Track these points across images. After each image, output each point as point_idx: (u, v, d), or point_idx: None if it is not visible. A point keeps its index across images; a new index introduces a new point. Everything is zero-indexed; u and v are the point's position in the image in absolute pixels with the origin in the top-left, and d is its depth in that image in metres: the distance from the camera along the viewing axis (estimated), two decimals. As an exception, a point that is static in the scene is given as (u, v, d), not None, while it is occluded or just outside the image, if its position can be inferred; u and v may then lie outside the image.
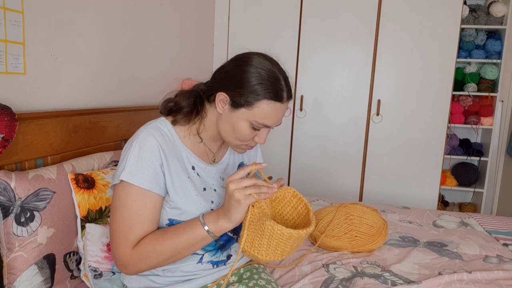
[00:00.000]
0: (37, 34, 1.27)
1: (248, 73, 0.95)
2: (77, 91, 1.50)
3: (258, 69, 0.96)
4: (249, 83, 0.95)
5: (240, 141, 1.02)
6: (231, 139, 1.03)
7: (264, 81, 0.95)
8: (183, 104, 1.04)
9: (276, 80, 0.96)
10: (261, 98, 0.95)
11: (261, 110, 0.96)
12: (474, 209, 3.36)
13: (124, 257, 0.94)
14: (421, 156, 2.75)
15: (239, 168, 1.16)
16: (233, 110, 0.98)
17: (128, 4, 1.79)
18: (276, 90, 0.96)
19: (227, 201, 0.89)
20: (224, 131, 1.02)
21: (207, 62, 2.83)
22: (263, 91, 0.95)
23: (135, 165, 0.94)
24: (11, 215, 1.02)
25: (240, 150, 1.07)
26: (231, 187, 0.87)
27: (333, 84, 2.80)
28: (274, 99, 0.96)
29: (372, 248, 1.54)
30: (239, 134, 1.00)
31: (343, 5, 2.70)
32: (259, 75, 0.95)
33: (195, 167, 1.05)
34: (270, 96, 0.95)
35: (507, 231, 1.85)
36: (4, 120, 1.02)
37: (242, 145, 1.04)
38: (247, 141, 1.03)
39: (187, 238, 0.92)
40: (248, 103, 0.95)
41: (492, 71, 3.09)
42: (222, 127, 1.02)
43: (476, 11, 3.08)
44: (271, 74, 0.96)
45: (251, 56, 0.99)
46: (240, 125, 0.98)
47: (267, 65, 0.97)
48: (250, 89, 0.95)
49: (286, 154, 2.92)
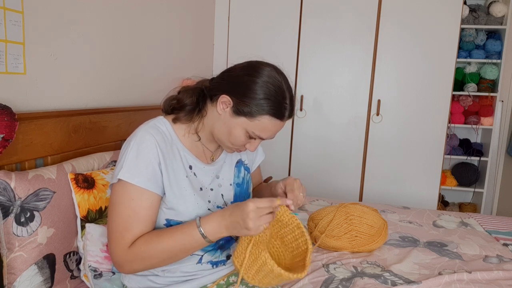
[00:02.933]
0: (37, 34, 1.27)
1: (257, 85, 0.95)
2: (77, 91, 1.50)
3: (267, 83, 0.95)
4: (256, 95, 0.95)
5: (232, 145, 1.03)
6: (224, 141, 1.03)
7: (271, 96, 0.95)
8: (187, 102, 1.04)
9: (283, 99, 0.97)
10: (264, 113, 0.96)
11: (261, 124, 0.97)
12: (474, 209, 3.36)
13: (120, 256, 0.94)
14: (421, 156, 2.75)
15: (237, 165, 1.16)
16: (233, 115, 0.98)
17: (128, 4, 1.79)
18: (281, 108, 0.97)
19: (238, 216, 0.89)
20: (219, 132, 1.02)
21: (207, 62, 2.83)
22: (268, 107, 0.95)
23: (133, 164, 0.94)
24: (11, 215, 1.02)
25: (229, 151, 1.09)
26: (252, 215, 0.87)
27: (333, 84, 2.80)
28: (276, 117, 0.97)
29: (372, 248, 1.54)
30: (233, 139, 1.00)
31: (343, 5, 2.70)
32: (268, 89, 0.95)
33: (192, 166, 1.05)
34: (273, 113, 0.96)
35: (507, 231, 1.85)
36: (4, 120, 1.02)
37: (233, 148, 1.05)
38: (239, 146, 1.04)
39: (183, 240, 0.93)
40: (250, 114, 0.96)
41: (492, 71, 3.09)
42: (218, 127, 1.02)
43: (476, 11, 3.08)
44: (279, 91, 0.96)
45: (263, 67, 0.98)
46: (236, 131, 0.99)
47: (277, 81, 0.97)
48: (256, 102, 0.95)
49: (286, 154, 2.92)
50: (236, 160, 1.18)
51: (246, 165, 1.21)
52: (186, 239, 0.92)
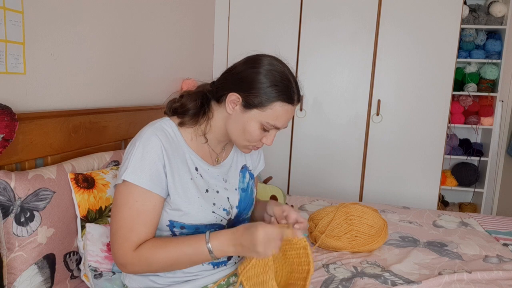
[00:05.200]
0: (37, 34, 1.27)
1: (261, 74, 0.96)
2: (77, 91, 1.50)
3: (271, 70, 0.97)
4: (263, 85, 0.96)
5: (249, 142, 1.03)
6: (239, 140, 1.03)
7: (277, 83, 0.96)
8: (190, 106, 1.04)
9: (289, 82, 0.98)
10: (275, 100, 0.96)
11: (273, 112, 0.97)
12: (474, 209, 3.36)
13: (123, 257, 0.94)
14: (421, 156, 2.75)
15: (242, 170, 1.16)
16: (245, 111, 0.99)
17: (128, 4, 1.79)
18: (289, 92, 0.98)
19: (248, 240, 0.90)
20: (234, 132, 1.02)
21: (207, 62, 2.83)
22: (277, 93, 0.96)
23: (137, 165, 0.94)
24: (11, 215, 1.02)
25: (246, 150, 1.08)
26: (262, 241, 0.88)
27: (333, 84, 2.79)
28: (287, 101, 0.98)
29: (372, 248, 1.54)
30: (249, 134, 1.00)
31: (343, 5, 2.70)
32: (272, 76, 0.96)
33: (198, 168, 1.05)
34: (283, 98, 0.97)
35: (507, 231, 1.85)
36: (4, 120, 1.02)
37: (250, 145, 1.05)
38: (255, 142, 1.03)
39: (189, 251, 0.93)
40: (261, 104, 0.96)
41: (492, 71, 3.09)
42: (231, 127, 1.02)
43: (476, 11, 3.08)
44: (284, 76, 0.98)
45: (263, 57, 1.00)
46: (250, 126, 0.99)
47: (279, 67, 0.98)
48: (264, 90, 0.96)
49: (286, 154, 2.92)
50: (241, 166, 1.18)
51: (251, 171, 1.21)
52: (193, 251, 0.93)
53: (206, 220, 1.02)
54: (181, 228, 1.00)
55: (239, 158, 1.18)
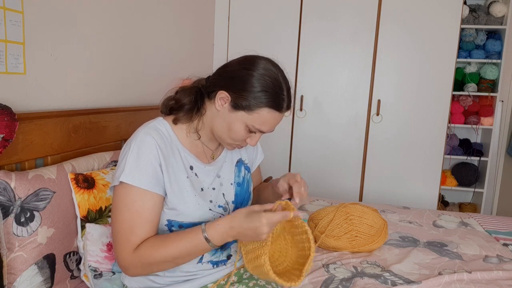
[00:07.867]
0: (37, 34, 1.27)
1: (253, 78, 0.96)
2: (77, 91, 1.50)
3: (264, 75, 0.96)
4: (253, 88, 0.95)
5: (233, 141, 1.03)
6: (224, 137, 1.03)
7: (268, 88, 0.96)
8: (185, 101, 1.03)
9: (280, 90, 0.97)
10: (263, 105, 0.96)
11: (260, 117, 0.97)
12: (474, 209, 3.36)
13: (125, 260, 0.94)
14: (421, 156, 2.75)
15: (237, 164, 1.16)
16: (232, 110, 0.98)
17: (128, 4, 1.79)
18: (279, 99, 0.97)
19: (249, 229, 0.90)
20: (219, 129, 1.02)
21: (207, 62, 2.83)
22: (266, 99, 0.95)
23: (134, 165, 0.94)
24: (11, 215, 1.02)
25: (230, 148, 1.09)
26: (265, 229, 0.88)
27: (333, 84, 2.79)
28: (275, 108, 0.97)
29: (372, 248, 1.54)
30: (234, 134, 1.00)
31: (343, 5, 2.70)
32: (265, 81, 0.96)
33: (193, 167, 1.05)
34: (272, 105, 0.96)
35: (507, 231, 1.85)
36: (4, 120, 1.02)
37: (234, 144, 1.05)
38: (240, 142, 1.04)
39: (187, 244, 0.93)
40: (249, 108, 0.96)
41: (492, 71, 3.09)
42: (217, 124, 1.02)
43: (476, 11, 3.08)
44: (276, 82, 0.97)
45: (259, 60, 0.99)
46: (236, 126, 0.99)
47: (273, 73, 0.97)
48: (254, 95, 0.95)
49: (286, 154, 2.92)
50: (237, 160, 1.18)
51: (246, 164, 1.21)
52: (191, 243, 0.93)
53: (203, 218, 1.02)
54: (179, 227, 1.01)
55: (234, 152, 1.18)
